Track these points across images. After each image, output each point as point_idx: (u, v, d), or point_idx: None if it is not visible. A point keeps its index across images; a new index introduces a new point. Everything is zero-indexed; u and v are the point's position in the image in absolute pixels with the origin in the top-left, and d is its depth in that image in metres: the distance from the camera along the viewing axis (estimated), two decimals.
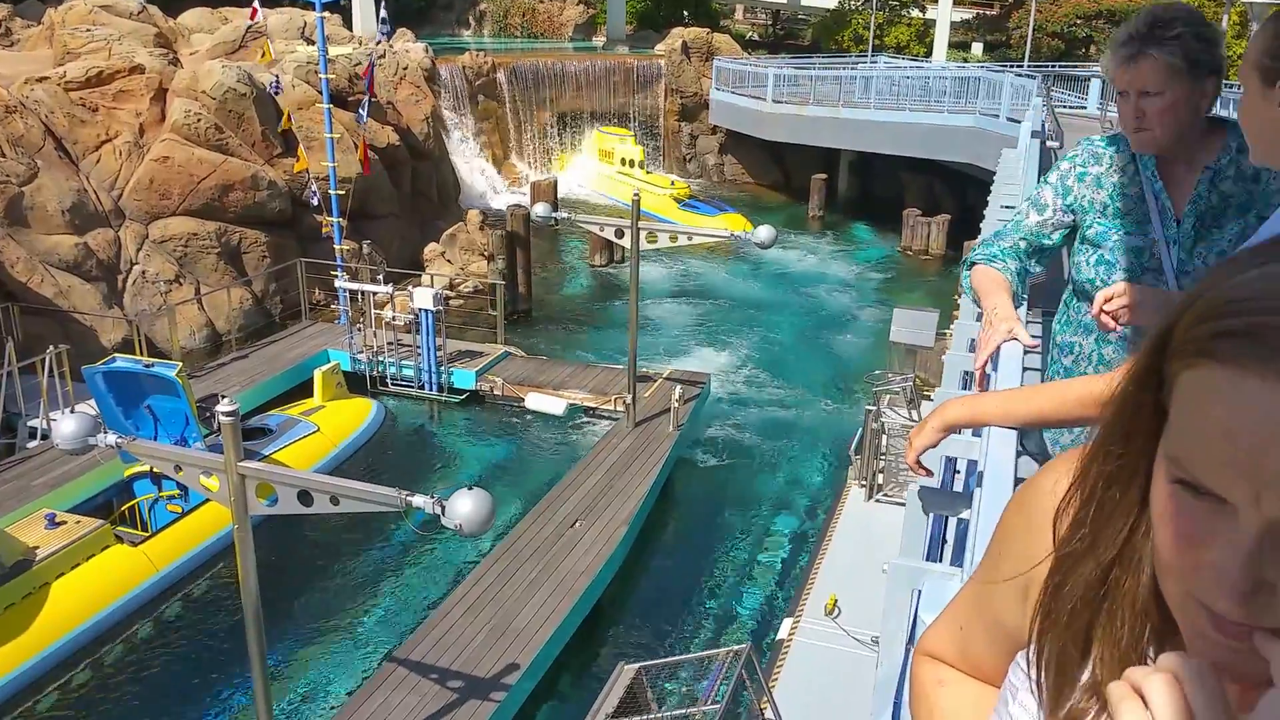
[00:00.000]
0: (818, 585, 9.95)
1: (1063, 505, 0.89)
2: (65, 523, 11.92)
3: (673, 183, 31.63)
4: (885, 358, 18.84)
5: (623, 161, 32.70)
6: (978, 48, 48.64)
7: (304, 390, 17.01)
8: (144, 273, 19.65)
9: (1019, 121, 18.50)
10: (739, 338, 22.41)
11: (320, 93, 19.88)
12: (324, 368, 16.77)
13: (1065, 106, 29.14)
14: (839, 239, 31.55)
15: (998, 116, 24.86)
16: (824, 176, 33.72)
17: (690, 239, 15.77)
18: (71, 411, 8.43)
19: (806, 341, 22.49)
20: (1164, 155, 2.71)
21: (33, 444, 14.66)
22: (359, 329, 18.26)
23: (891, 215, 30.82)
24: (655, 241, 14.87)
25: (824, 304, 25.32)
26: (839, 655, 9.30)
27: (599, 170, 33.35)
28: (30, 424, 14.95)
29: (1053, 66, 35.15)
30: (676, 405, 15.71)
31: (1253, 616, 0.71)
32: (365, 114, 20.56)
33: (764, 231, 14.11)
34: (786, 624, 10.11)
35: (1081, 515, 0.86)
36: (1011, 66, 33.39)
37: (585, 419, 17.43)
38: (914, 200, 31.57)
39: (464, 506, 6.89)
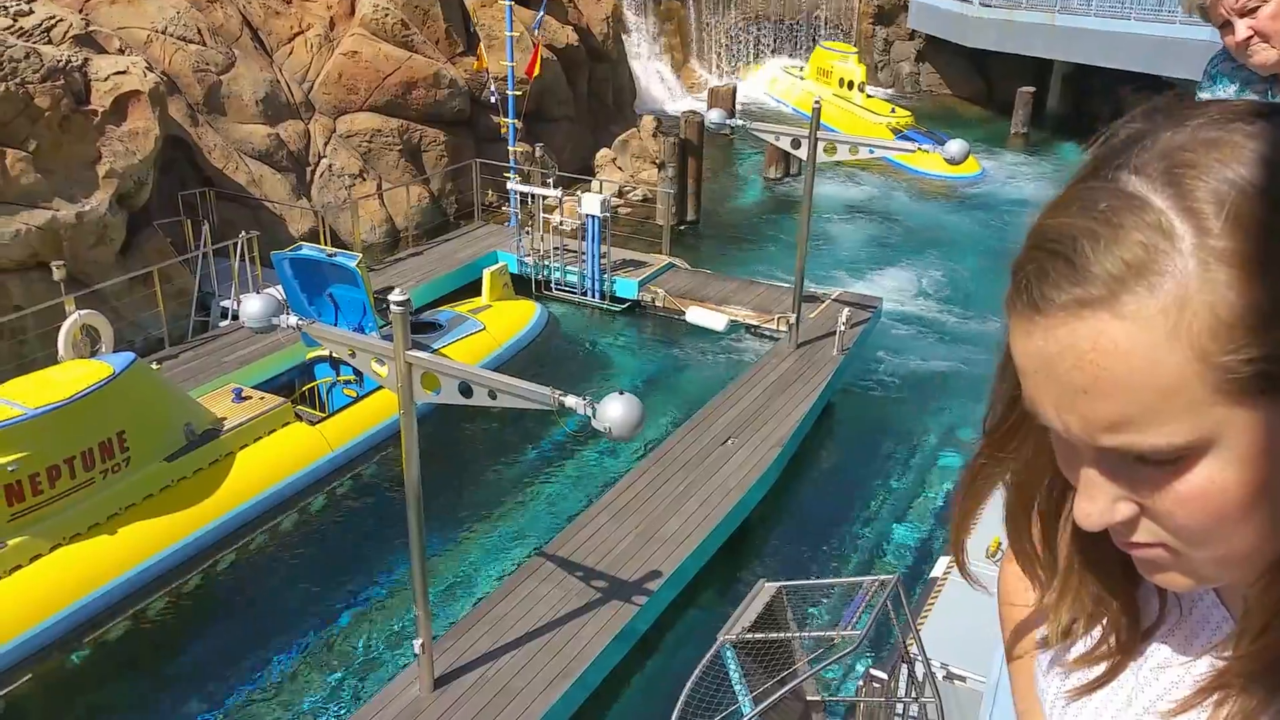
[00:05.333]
0: (983, 526, 9.38)
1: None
2: (251, 398, 12.71)
3: (893, 110, 28.78)
4: None
5: (840, 82, 29.93)
6: None
7: (473, 289, 17.39)
8: (330, 166, 20.43)
9: None
10: (918, 262, 21.32)
11: None
12: (492, 268, 17.06)
13: None
14: (1045, 160, 29.16)
15: None
16: (1032, 90, 31.07)
17: (872, 153, 14.89)
18: (259, 294, 8.81)
19: (994, 272, 21.09)
20: None
21: (224, 323, 15.64)
22: (527, 232, 18.44)
23: None
24: (833, 154, 14.09)
25: (1020, 232, 23.50)
26: (997, 602, 8.80)
27: (805, 88, 30.90)
28: (222, 304, 15.95)
29: None
30: (843, 328, 15.13)
31: (1115, 532, 0.81)
32: (541, 17, 20.32)
33: (955, 146, 12.98)
34: (942, 562, 9.65)
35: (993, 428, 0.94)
36: None
37: (746, 336, 17.09)
38: None
39: (614, 410, 6.83)
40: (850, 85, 29.71)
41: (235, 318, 15.25)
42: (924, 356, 17.16)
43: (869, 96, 29.83)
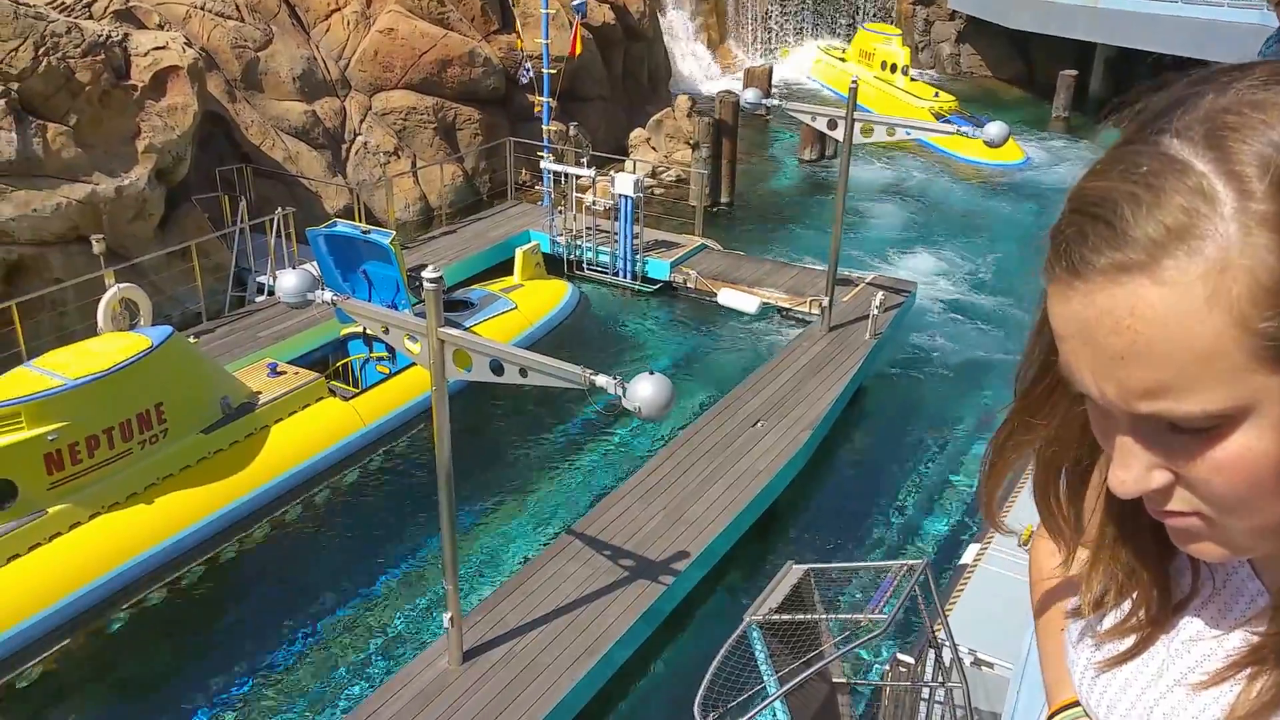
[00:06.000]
0: (1014, 513, 9.31)
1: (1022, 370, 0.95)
2: (285, 373, 12.85)
3: (936, 94, 27.98)
4: None
5: (883, 65, 29.30)
6: None
7: (505, 268, 17.44)
8: (366, 144, 20.52)
9: None
10: (954, 247, 21.07)
11: None
12: (525, 247, 17.09)
13: None
14: (1086, 145, 28.59)
15: None
16: (1074, 73, 30.47)
17: (909, 134, 14.70)
18: (294, 269, 8.88)
19: (1031, 258, 20.65)
20: None
21: (260, 299, 15.80)
22: (560, 211, 18.44)
23: None
24: (870, 135, 13.92)
25: (1056, 217, 23.17)
26: (1027, 589, 8.73)
27: (845, 70, 30.02)
28: (258, 280, 16.10)
29: None
30: (876, 313, 15.01)
31: (1150, 500, 0.80)
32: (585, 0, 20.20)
33: (994, 128, 12.72)
34: (973, 549, 9.59)
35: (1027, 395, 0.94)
36: None
37: (778, 319, 17.01)
38: None
39: (645, 390, 6.83)
40: (893, 68, 29.08)
41: (271, 293, 15.39)
42: (958, 343, 16.99)
43: (912, 80, 29.22)
